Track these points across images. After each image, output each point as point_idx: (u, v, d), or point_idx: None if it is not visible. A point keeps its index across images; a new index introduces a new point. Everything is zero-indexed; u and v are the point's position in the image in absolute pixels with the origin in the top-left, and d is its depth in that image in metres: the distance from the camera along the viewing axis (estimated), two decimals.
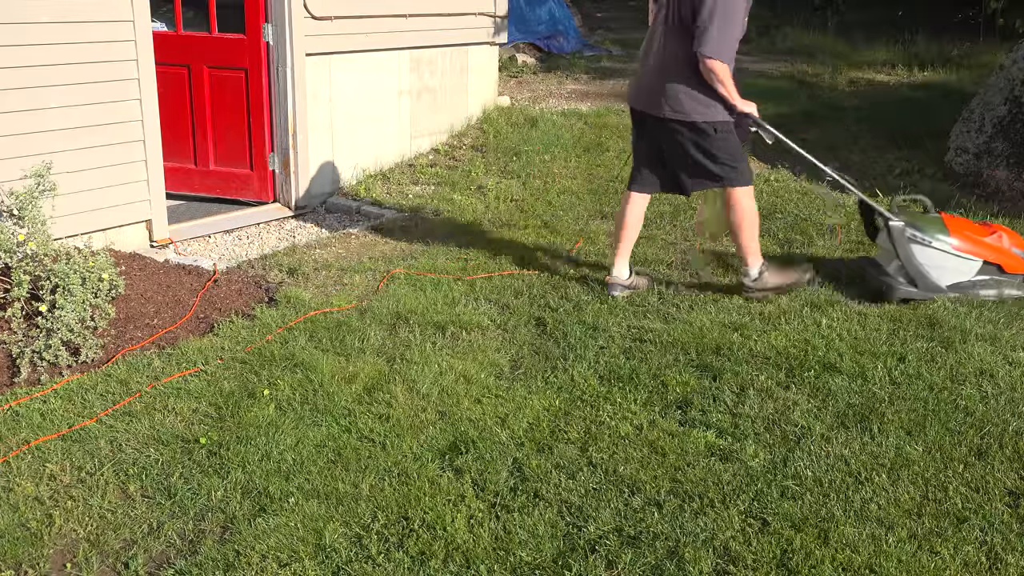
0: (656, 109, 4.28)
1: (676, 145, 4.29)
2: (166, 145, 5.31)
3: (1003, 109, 6.61)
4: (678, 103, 4.20)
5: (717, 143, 4.24)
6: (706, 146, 4.24)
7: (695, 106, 4.19)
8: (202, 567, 2.57)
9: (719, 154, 4.26)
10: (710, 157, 4.26)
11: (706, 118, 4.20)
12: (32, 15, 4.41)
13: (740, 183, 4.33)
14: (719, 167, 4.28)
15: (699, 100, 4.18)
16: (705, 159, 4.27)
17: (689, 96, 4.18)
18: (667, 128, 4.28)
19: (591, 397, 3.51)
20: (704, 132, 4.22)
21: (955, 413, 3.39)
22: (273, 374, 3.64)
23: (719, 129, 4.23)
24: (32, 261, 3.86)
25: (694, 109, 4.19)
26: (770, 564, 2.58)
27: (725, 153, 4.27)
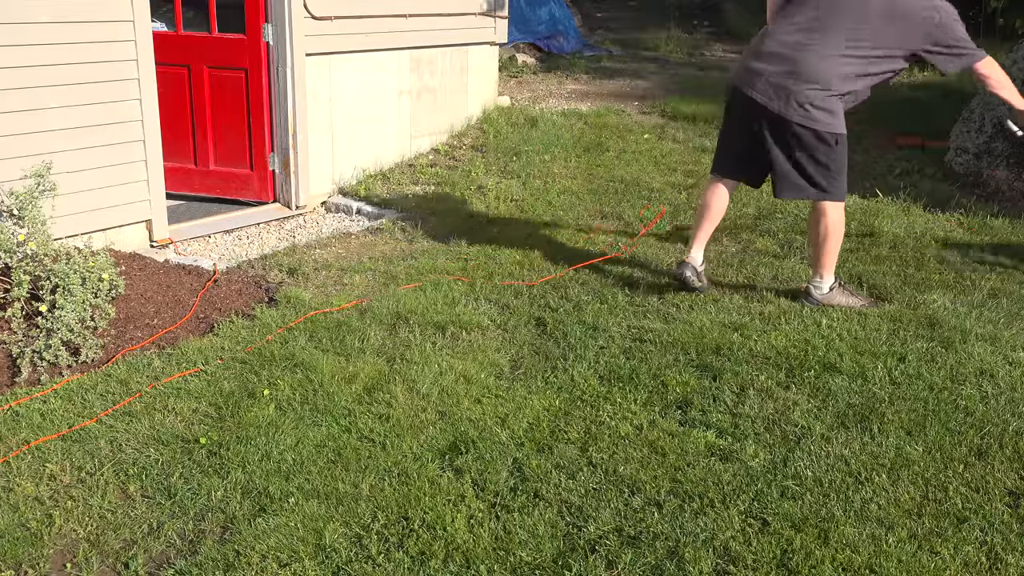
0: (782, 108, 4.16)
1: (788, 147, 4.22)
2: (166, 145, 5.31)
3: (1003, 109, 6.60)
4: (815, 110, 4.12)
5: (833, 154, 4.20)
6: (820, 156, 4.20)
7: (823, 115, 4.14)
8: (202, 567, 2.57)
9: (831, 165, 4.22)
10: (821, 167, 4.21)
11: (831, 128, 4.17)
12: (32, 15, 4.41)
13: (837, 197, 4.29)
14: (825, 178, 4.23)
15: (828, 109, 4.14)
16: (814, 168, 4.21)
17: (825, 105, 4.13)
18: (785, 129, 4.18)
19: (591, 397, 3.51)
20: (827, 142, 4.18)
21: (955, 413, 3.39)
22: (273, 374, 3.64)
23: (840, 141, 4.21)
24: (32, 261, 3.86)
25: (822, 117, 4.14)
26: (770, 564, 2.58)
27: (836, 165, 4.23)
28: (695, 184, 6.44)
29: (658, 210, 5.81)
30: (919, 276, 4.82)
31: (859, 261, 5.03)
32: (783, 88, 4.15)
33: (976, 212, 5.85)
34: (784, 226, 5.63)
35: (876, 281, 4.73)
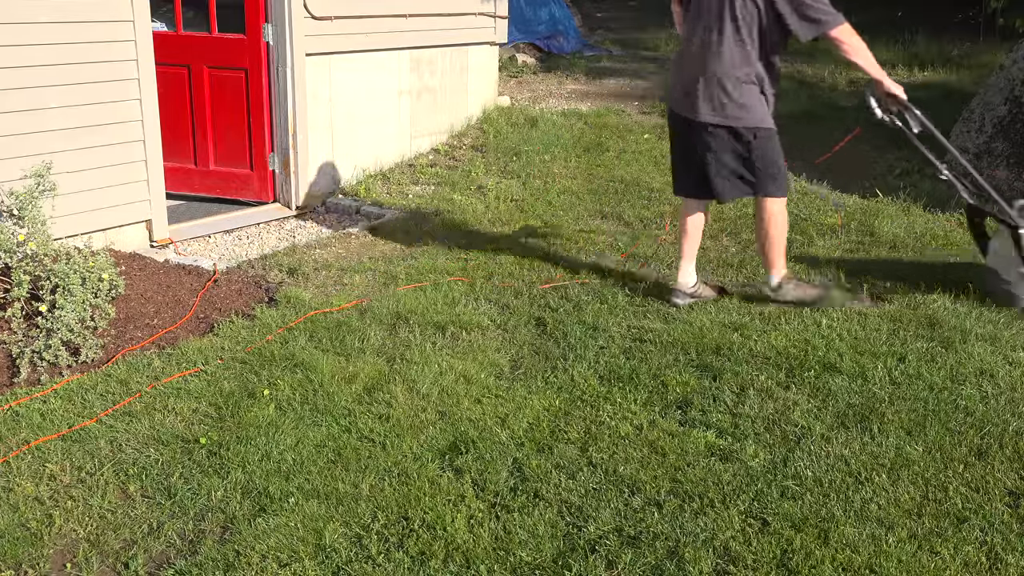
0: (692, 112, 4.14)
1: (710, 150, 4.15)
2: (166, 145, 5.31)
3: (1003, 109, 6.61)
4: (725, 107, 4.05)
5: (756, 150, 4.10)
6: (743, 153, 4.11)
7: (735, 109, 4.04)
8: (202, 567, 2.57)
9: (757, 161, 4.12)
10: (747, 164, 4.14)
11: (745, 123, 4.06)
12: (32, 15, 4.41)
13: (773, 193, 4.20)
14: (754, 175, 4.15)
15: (739, 103, 4.03)
16: (741, 166, 4.14)
17: (729, 98, 4.03)
18: (702, 132, 4.13)
19: (591, 397, 3.51)
20: (744, 138, 4.09)
21: (955, 413, 3.39)
22: (273, 374, 3.64)
23: (759, 135, 4.10)
24: (32, 261, 3.86)
25: (734, 112, 4.04)
26: (770, 564, 2.58)
27: (763, 160, 4.13)
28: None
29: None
30: (919, 276, 4.81)
31: (859, 261, 5.02)
32: (691, 92, 4.10)
33: None
34: None
35: (876, 281, 4.73)
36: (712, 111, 4.08)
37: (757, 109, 4.07)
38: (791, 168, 6.80)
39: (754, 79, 4.07)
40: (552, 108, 8.57)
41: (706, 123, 4.09)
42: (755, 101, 4.06)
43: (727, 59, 4.02)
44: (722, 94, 4.04)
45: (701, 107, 4.09)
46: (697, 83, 4.09)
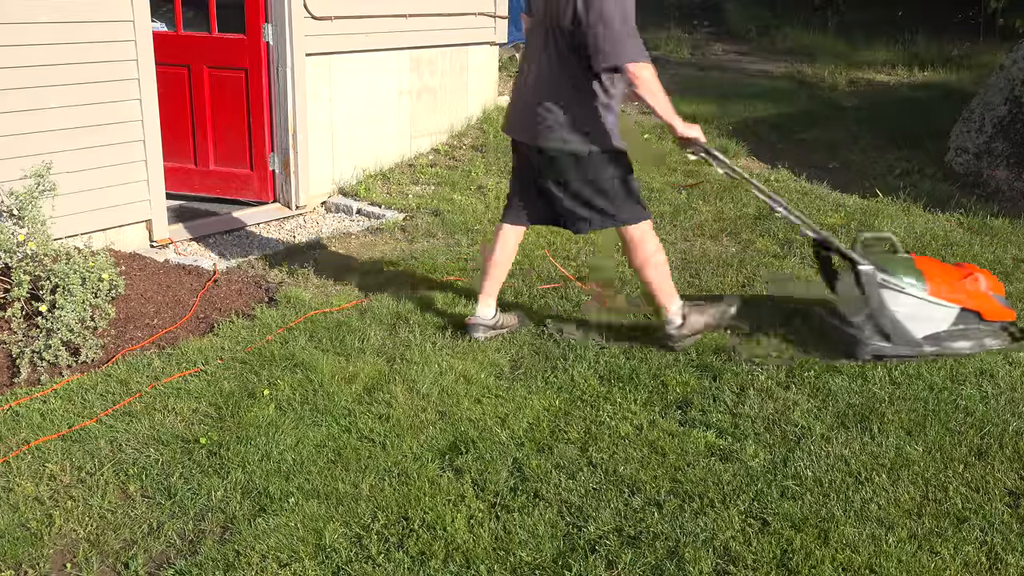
0: (530, 136, 3.76)
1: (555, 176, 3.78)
2: (166, 145, 5.31)
3: (1003, 109, 6.62)
4: (555, 130, 3.67)
5: (601, 173, 3.73)
6: (590, 177, 3.73)
7: (573, 134, 3.67)
8: (202, 567, 2.57)
9: (605, 186, 3.74)
10: (597, 191, 3.75)
11: (594, 146, 3.69)
12: (32, 15, 4.41)
13: (631, 219, 3.80)
14: (611, 203, 3.76)
15: (578, 127, 3.66)
16: (590, 193, 3.75)
17: (567, 123, 3.65)
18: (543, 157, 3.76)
19: (591, 397, 3.51)
20: (592, 163, 3.71)
21: (955, 413, 3.39)
22: (273, 374, 3.64)
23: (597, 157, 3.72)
24: (32, 261, 3.86)
25: (572, 137, 3.67)
26: (770, 564, 2.58)
27: (611, 185, 3.75)
28: (696, 184, 6.44)
29: None
30: None
31: None
32: (528, 114, 3.76)
33: (976, 212, 5.85)
34: (784, 226, 5.62)
35: None
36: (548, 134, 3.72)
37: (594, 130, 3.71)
38: (792, 168, 6.82)
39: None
40: None
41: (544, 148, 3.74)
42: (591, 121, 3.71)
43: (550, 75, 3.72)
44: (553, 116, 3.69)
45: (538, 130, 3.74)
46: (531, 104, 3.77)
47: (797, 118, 8.18)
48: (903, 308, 3.79)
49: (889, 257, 3.97)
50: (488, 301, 4.07)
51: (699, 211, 5.90)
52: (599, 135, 3.69)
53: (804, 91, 9.54)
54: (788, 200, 6.11)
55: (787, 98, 8.95)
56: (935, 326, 3.83)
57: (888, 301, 3.79)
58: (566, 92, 3.66)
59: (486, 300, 4.07)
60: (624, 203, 3.78)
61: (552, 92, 3.67)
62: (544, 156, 3.74)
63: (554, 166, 3.74)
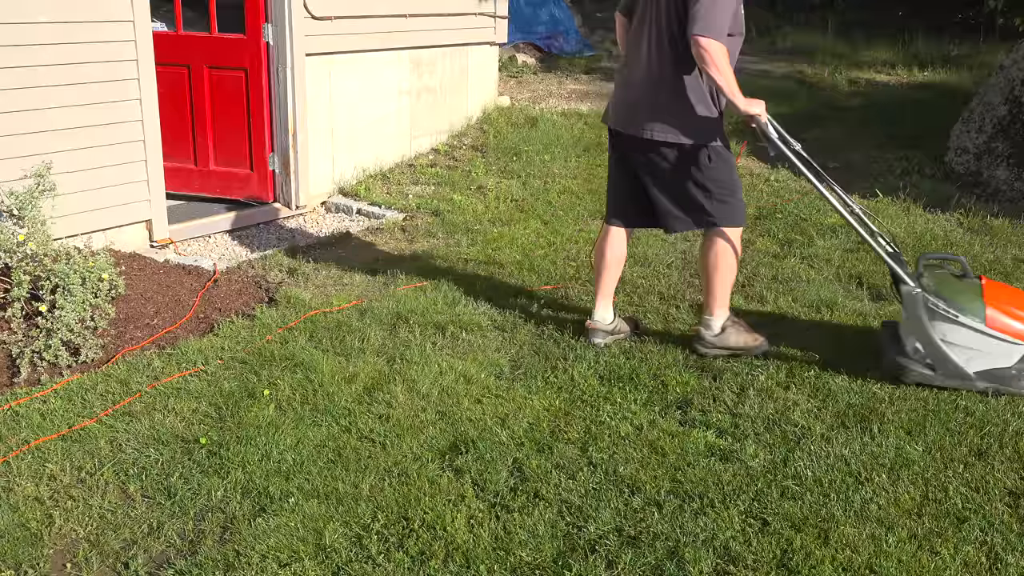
0: (636, 128, 3.67)
1: (658, 172, 3.71)
2: (166, 145, 5.31)
3: (1003, 109, 6.62)
4: (661, 123, 3.60)
5: (710, 172, 3.66)
6: (696, 176, 3.67)
7: (679, 128, 3.59)
8: (202, 567, 2.57)
9: (710, 185, 3.67)
10: (699, 188, 3.68)
11: (700, 141, 3.62)
12: (32, 15, 4.41)
13: (728, 222, 3.73)
14: (710, 202, 3.69)
15: (685, 121, 3.59)
16: (693, 190, 3.69)
17: (674, 117, 3.59)
18: (649, 152, 3.68)
19: (591, 397, 3.51)
20: (698, 160, 3.65)
21: (955, 413, 3.39)
22: (273, 374, 3.64)
23: (713, 156, 3.65)
24: (32, 261, 3.86)
25: (678, 130, 3.60)
26: (770, 564, 2.58)
27: (717, 184, 3.68)
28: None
29: None
30: None
31: (859, 261, 5.03)
32: (635, 107, 3.67)
33: (976, 212, 5.85)
34: (784, 226, 5.63)
35: (876, 281, 4.73)
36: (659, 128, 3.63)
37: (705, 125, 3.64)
38: (793, 168, 6.80)
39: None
40: (552, 108, 8.57)
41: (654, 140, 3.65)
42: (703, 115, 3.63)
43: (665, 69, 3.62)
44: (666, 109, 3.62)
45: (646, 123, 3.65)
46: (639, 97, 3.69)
47: (797, 118, 8.18)
48: (955, 338, 3.50)
49: (952, 281, 3.65)
50: (606, 304, 4.00)
51: None
52: (706, 131, 3.62)
53: (804, 91, 9.54)
54: (789, 200, 6.11)
55: (787, 98, 8.95)
56: (992, 361, 3.49)
57: (938, 329, 3.52)
58: (672, 86, 3.59)
59: (604, 303, 4.00)
60: (725, 204, 3.69)
61: (659, 86, 3.61)
62: (648, 149, 3.67)
63: (657, 160, 3.68)
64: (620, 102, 3.80)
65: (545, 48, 11.30)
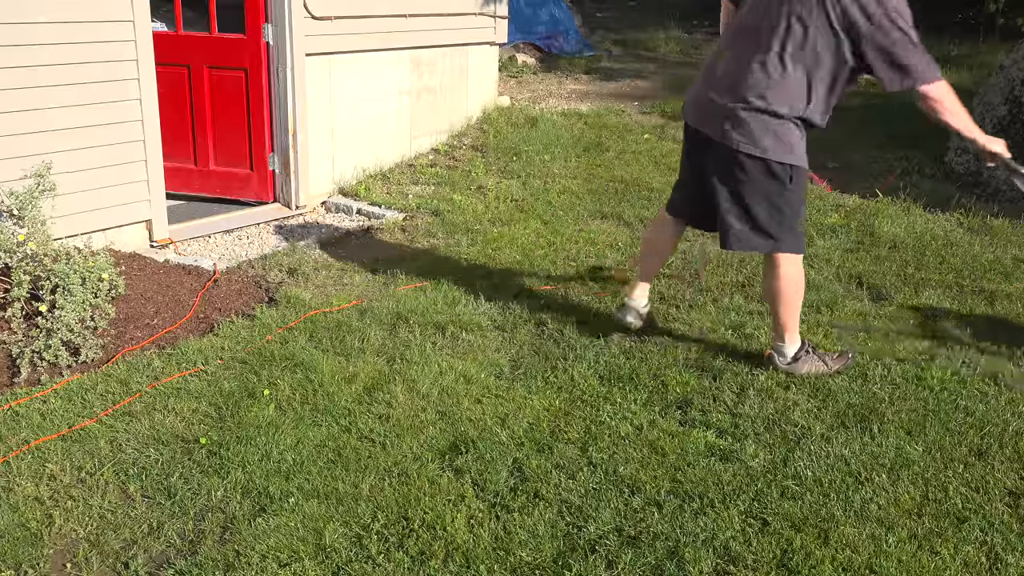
0: (715, 131, 3.42)
1: (731, 183, 3.46)
2: (166, 145, 5.31)
3: (1003, 109, 6.61)
4: (745, 130, 3.35)
5: (787, 193, 3.43)
6: (772, 196, 3.43)
7: (772, 140, 3.33)
8: (202, 567, 2.57)
9: (784, 208, 3.44)
10: (772, 209, 3.44)
11: (786, 159, 3.37)
12: (32, 15, 4.41)
13: (791, 248, 3.54)
14: (780, 226, 3.46)
15: (771, 133, 3.33)
16: (764, 210, 3.45)
17: (760, 126, 3.33)
18: (726, 159, 3.43)
19: (591, 397, 3.51)
20: (779, 177, 3.40)
21: (955, 413, 3.39)
22: (273, 374, 3.64)
23: (795, 177, 3.42)
24: (32, 261, 3.86)
25: (774, 145, 3.34)
26: (770, 564, 2.58)
27: (791, 208, 3.46)
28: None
29: None
30: (919, 276, 4.82)
31: (859, 261, 5.03)
32: (722, 107, 3.41)
33: (976, 212, 5.85)
34: None
35: (876, 281, 4.73)
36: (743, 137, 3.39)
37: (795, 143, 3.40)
38: None
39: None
40: (552, 108, 8.57)
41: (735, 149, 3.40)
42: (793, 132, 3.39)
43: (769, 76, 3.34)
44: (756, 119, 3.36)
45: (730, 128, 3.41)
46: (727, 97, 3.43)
47: None
48: None
49: None
50: (642, 288, 3.96)
51: None
52: (790, 147, 3.37)
53: None
54: None
55: None
56: None
57: None
58: (782, 98, 3.31)
59: (641, 286, 3.96)
60: (790, 228, 3.48)
61: (764, 92, 3.32)
62: (726, 156, 3.42)
63: (735, 170, 3.42)
64: (702, 97, 3.52)
65: (545, 48, 11.31)
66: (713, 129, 3.44)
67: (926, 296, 4.54)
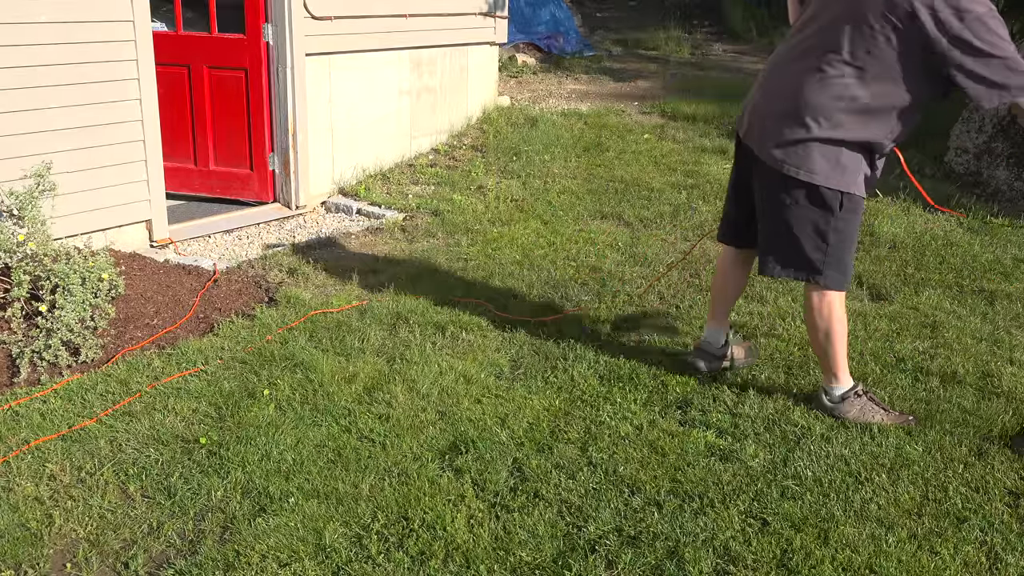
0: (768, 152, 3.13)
1: (777, 205, 3.19)
2: (166, 145, 5.31)
3: (1003, 109, 6.61)
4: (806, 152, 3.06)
5: (836, 223, 3.14)
6: (819, 223, 3.14)
7: (824, 164, 3.05)
8: (202, 567, 2.57)
9: (831, 237, 3.16)
10: (817, 237, 3.17)
11: (837, 185, 3.08)
12: (32, 15, 4.41)
13: (837, 285, 3.25)
14: (824, 256, 3.19)
15: (832, 157, 3.05)
16: (808, 237, 3.17)
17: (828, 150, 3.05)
18: (772, 179, 3.17)
19: (591, 397, 3.51)
20: (827, 204, 3.12)
21: (955, 413, 3.39)
22: (273, 374, 3.64)
23: (846, 205, 3.12)
24: (32, 261, 3.86)
25: (825, 168, 3.06)
26: (770, 564, 2.58)
27: (839, 238, 3.17)
28: (695, 184, 6.44)
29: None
30: (919, 276, 4.83)
31: (859, 261, 5.03)
32: (771, 122, 3.15)
33: (976, 212, 5.85)
34: None
35: (876, 281, 4.73)
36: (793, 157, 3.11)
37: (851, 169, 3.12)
38: None
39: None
40: (552, 108, 8.57)
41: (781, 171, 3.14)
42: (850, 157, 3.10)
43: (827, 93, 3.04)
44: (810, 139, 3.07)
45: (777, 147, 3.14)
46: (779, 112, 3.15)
47: None
48: None
49: None
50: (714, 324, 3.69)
51: (699, 211, 5.90)
52: (852, 173, 3.09)
53: None
54: None
55: None
56: None
57: None
58: (843, 115, 3.01)
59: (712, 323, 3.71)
60: (837, 263, 3.19)
61: (822, 107, 3.02)
62: (772, 177, 3.15)
63: (780, 193, 3.15)
64: (756, 110, 3.23)
65: (545, 48, 11.31)
66: (761, 146, 3.17)
67: (926, 296, 4.54)
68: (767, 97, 3.21)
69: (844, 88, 3.00)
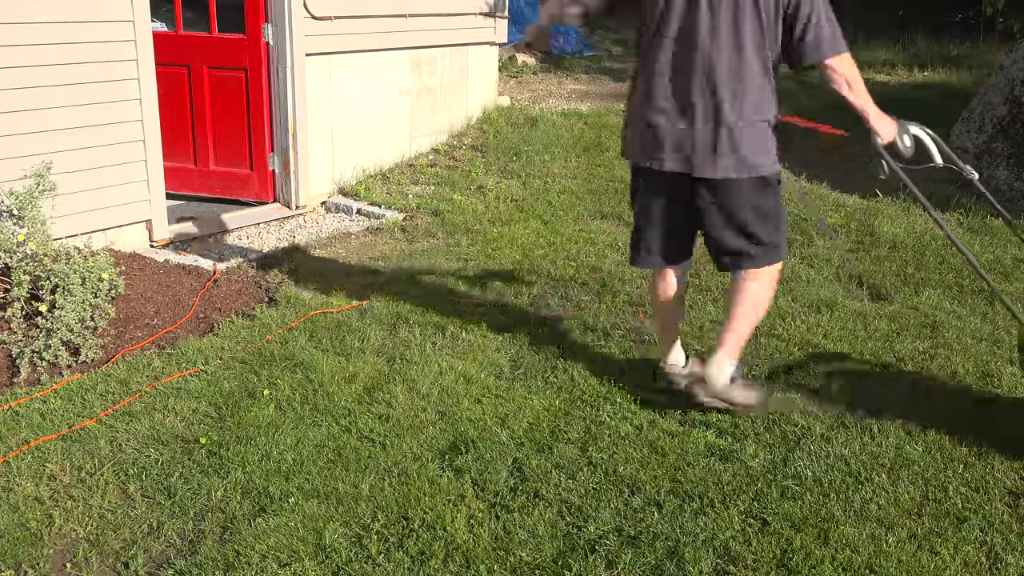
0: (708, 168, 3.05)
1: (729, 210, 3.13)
2: (166, 145, 5.31)
3: (1003, 109, 6.61)
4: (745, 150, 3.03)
5: (779, 200, 3.19)
6: (764, 207, 3.13)
7: (767, 154, 3.08)
8: (202, 567, 2.57)
9: (771, 214, 3.16)
10: (779, 218, 3.19)
11: (772, 169, 3.10)
12: (32, 15, 4.41)
13: (778, 258, 3.24)
14: (782, 234, 3.22)
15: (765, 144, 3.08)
16: (758, 224, 3.14)
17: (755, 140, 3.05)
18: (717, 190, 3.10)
19: (591, 397, 3.51)
20: (769, 185, 3.12)
21: (955, 413, 3.39)
22: (273, 374, 3.64)
23: (780, 181, 3.17)
24: (32, 261, 3.86)
25: (766, 159, 3.08)
26: (770, 564, 2.58)
27: (783, 214, 3.23)
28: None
29: None
30: (919, 276, 4.83)
31: (859, 261, 5.03)
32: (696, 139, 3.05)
33: (976, 212, 5.85)
34: None
35: (876, 281, 4.73)
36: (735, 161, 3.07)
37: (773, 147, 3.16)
38: (793, 167, 6.80)
39: None
40: (552, 108, 8.57)
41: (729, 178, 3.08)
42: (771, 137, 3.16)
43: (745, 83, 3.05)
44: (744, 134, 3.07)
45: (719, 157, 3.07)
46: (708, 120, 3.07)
47: None
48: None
49: None
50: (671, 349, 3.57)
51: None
52: (774, 153, 3.13)
53: (804, 91, 9.53)
54: (788, 200, 6.11)
55: (787, 98, 8.92)
56: None
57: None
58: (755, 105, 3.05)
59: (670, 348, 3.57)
60: (784, 234, 3.23)
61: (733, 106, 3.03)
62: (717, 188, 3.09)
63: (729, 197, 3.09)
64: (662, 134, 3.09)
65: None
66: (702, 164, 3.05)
67: (926, 296, 4.54)
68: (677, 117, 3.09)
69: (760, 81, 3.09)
